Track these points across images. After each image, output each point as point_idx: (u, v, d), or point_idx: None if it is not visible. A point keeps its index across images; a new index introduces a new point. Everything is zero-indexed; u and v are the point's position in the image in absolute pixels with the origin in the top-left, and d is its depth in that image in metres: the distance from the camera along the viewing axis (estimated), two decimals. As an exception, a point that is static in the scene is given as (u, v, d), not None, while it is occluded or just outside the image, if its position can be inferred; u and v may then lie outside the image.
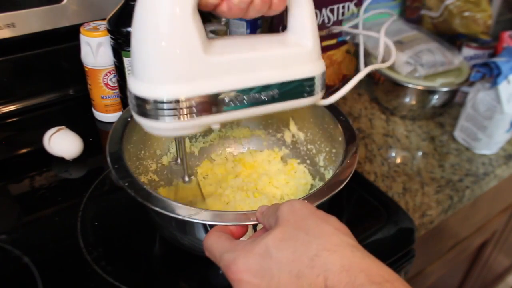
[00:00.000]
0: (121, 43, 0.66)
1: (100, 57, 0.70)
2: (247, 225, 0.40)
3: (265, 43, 0.43)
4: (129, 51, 0.66)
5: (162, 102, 0.38)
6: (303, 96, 0.45)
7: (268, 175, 0.62)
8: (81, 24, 0.70)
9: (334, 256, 0.30)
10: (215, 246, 0.36)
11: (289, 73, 0.43)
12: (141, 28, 0.37)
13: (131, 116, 0.53)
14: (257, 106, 0.42)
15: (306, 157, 0.63)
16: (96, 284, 0.49)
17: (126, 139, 0.51)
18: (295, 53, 0.43)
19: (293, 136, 0.64)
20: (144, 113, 0.39)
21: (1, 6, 0.66)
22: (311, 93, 0.45)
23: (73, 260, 0.52)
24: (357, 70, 0.90)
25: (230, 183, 0.61)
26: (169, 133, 0.41)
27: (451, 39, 0.91)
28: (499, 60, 0.70)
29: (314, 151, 0.62)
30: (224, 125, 0.65)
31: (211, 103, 0.40)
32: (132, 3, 0.65)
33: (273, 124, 0.65)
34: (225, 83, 0.40)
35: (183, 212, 0.42)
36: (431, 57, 0.81)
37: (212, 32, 0.43)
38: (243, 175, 0.63)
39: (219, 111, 0.40)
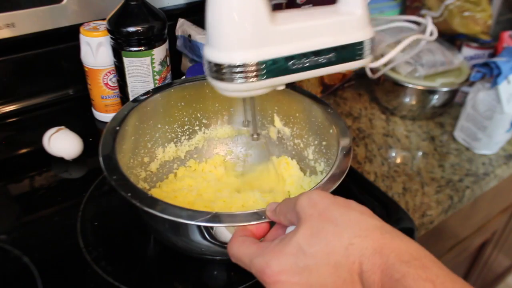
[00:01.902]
0: (121, 43, 0.66)
1: (100, 57, 0.70)
2: (268, 223, 0.40)
3: (321, 13, 0.49)
4: (129, 51, 0.66)
5: (235, 66, 0.44)
6: (355, 59, 0.50)
7: (260, 173, 0.62)
8: (81, 24, 0.70)
9: (366, 241, 0.31)
10: (242, 252, 0.36)
11: (342, 38, 0.48)
12: (215, 3, 0.43)
13: (120, 125, 0.52)
14: (316, 68, 0.48)
15: (293, 152, 0.63)
16: (96, 284, 0.49)
17: (118, 148, 0.50)
18: (348, 20, 0.48)
19: (279, 132, 0.64)
20: (219, 77, 0.45)
21: (1, 6, 0.66)
22: (361, 56, 0.50)
23: (73, 260, 0.52)
24: (356, 70, 0.90)
25: (222, 185, 0.61)
26: (240, 94, 0.47)
27: (451, 39, 0.91)
28: (499, 60, 0.70)
29: (301, 145, 0.62)
30: (207, 126, 0.65)
31: (277, 67, 0.45)
32: (132, 3, 0.65)
33: (257, 122, 0.65)
34: (288, 49, 0.45)
35: (188, 217, 0.41)
36: (431, 57, 0.81)
37: (274, 6, 0.47)
38: (234, 176, 0.63)
39: (284, 73, 0.46)
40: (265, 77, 0.45)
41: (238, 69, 0.44)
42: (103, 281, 0.49)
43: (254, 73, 0.44)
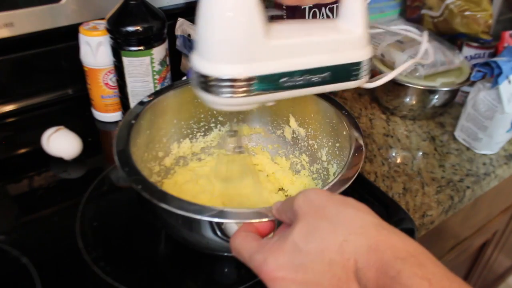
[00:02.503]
0: (120, 43, 0.65)
1: (99, 56, 0.70)
2: (273, 221, 0.41)
3: (319, 29, 0.47)
4: (128, 50, 0.66)
5: (223, 80, 0.41)
6: (350, 79, 0.48)
7: (270, 171, 0.62)
8: (80, 24, 0.70)
9: (361, 238, 0.31)
10: (243, 247, 0.36)
11: (339, 58, 0.46)
12: (207, 10, 0.40)
13: (135, 118, 0.53)
14: (309, 87, 0.45)
15: (308, 152, 0.63)
16: (95, 285, 0.49)
17: (132, 142, 0.50)
18: (346, 39, 0.46)
19: (294, 132, 0.64)
20: (206, 89, 0.42)
21: (0, 5, 0.66)
22: (357, 76, 0.48)
23: (72, 260, 0.52)
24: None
25: (235, 180, 0.61)
26: (227, 108, 0.44)
27: (452, 38, 0.91)
28: (500, 59, 0.70)
29: (315, 146, 0.62)
30: (223, 124, 0.65)
31: (268, 83, 0.43)
32: (131, 2, 0.64)
33: (272, 121, 0.65)
34: (281, 65, 0.43)
35: (201, 212, 0.41)
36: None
37: (271, 17, 0.45)
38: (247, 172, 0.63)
39: (274, 90, 0.44)
40: (254, 93, 0.42)
41: (226, 83, 0.41)
42: (102, 281, 0.49)
43: (243, 88, 0.42)
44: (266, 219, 0.40)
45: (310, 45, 0.44)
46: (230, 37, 0.40)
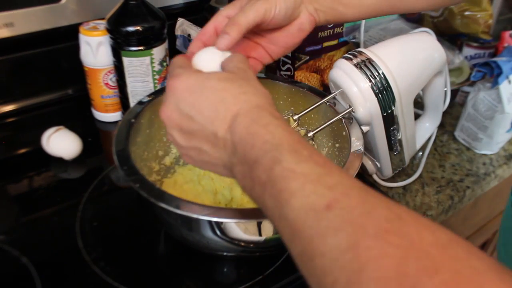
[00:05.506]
0: (120, 43, 0.65)
1: (100, 56, 0.70)
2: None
3: None
4: (128, 50, 0.66)
5: None
6: None
7: None
8: (80, 24, 0.70)
9: (255, 98, 0.35)
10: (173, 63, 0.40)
11: None
12: None
13: (135, 118, 0.53)
14: None
15: None
16: (95, 285, 0.49)
17: (131, 140, 0.50)
18: None
19: None
20: None
21: (0, 5, 0.66)
22: None
23: (72, 260, 0.52)
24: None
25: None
26: None
27: (452, 38, 0.91)
28: (500, 59, 0.70)
29: (315, 146, 0.62)
30: None
31: None
32: (131, 2, 0.64)
33: None
34: None
35: (199, 211, 0.41)
36: (432, 57, 0.81)
37: None
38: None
39: None
40: None
41: None
42: (102, 281, 0.49)
43: None
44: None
45: None
46: None
